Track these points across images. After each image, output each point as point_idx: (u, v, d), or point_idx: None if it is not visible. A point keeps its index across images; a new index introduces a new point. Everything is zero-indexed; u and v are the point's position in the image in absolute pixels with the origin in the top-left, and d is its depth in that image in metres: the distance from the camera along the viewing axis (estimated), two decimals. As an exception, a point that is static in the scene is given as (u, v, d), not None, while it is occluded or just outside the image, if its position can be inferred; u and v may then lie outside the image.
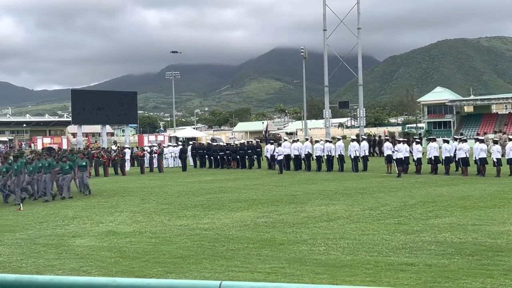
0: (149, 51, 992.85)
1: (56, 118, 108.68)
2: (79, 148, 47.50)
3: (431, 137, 33.15)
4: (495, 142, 25.29)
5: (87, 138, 79.05)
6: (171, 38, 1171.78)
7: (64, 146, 69.92)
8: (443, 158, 25.92)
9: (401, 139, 29.88)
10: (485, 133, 50.10)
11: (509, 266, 8.30)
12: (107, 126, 72.11)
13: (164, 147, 41.69)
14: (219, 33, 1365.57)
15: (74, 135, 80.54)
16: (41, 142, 76.76)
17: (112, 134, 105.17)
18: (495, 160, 23.74)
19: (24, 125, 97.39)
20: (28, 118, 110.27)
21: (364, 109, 62.59)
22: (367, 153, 30.23)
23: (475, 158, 24.31)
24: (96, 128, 79.46)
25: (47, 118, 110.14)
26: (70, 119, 70.10)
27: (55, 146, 55.17)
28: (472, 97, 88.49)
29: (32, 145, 79.07)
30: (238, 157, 35.41)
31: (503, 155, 24.95)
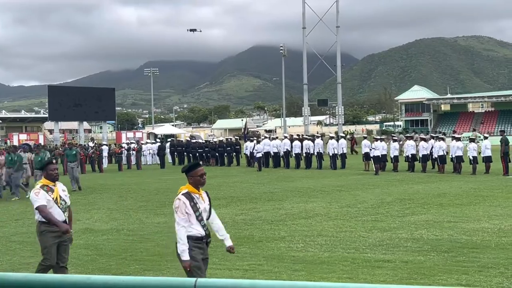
0: (127, 48, 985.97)
1: (33, 115, 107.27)
2: (56, 145, 47.00)
3: (409, 135, 33.43)
4: (472, 141, 25.61)
5: (64, 135, 78.19)
6: (149, 35, 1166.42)
7: (41, 142, 69.07)
8: (420, 156, 26.19)
9: (378, 137, 30.12)
10: (474, 130, 50.41)
11: (484, 262, 8.42)
12: (85, 123, 71.34)
13: (142, 144, 41.45)
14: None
15: (51, 131, 79.56)
16: (17, 139, 75.76)
17: (89, 131, 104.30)
18: (471, 158, 24.05)
19: (0, 121, 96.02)
20: (4, 114, 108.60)
21: (342, 107, 62.89)
22: (345, 151, 30.42)
23: (452, 156, 24.60)
24: (73, 125, 78.62)
25: (23, 114, 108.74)
26: (47, 115, 69.22)
27: (31, 143, 54.43)
28: (449, 95, 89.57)
29: (8, 141, 77.99)
30: (217, 154, 35.36)
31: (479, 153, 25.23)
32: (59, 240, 7.09)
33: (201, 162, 32.11)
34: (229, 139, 38.68)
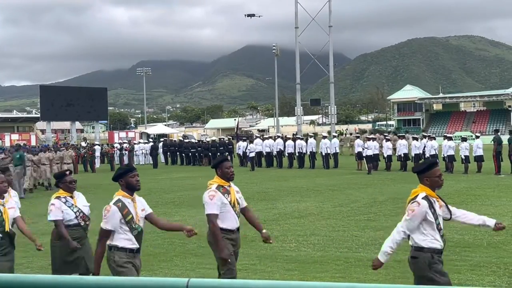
0: (119, 48, 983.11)
1: (25, 115, 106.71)
2: (48, 145, 46.77)
3: (401, 134, 33.53)
4: (463, 140, 25.70)
5: (56, 135, 77.89)
6: (141, 35, 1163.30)
7: (33, 143, 68.79)
8: (413, 155, 26.28)
9: (371, 136, 30.20)
10: (481, 132, 50.18)
11: (476, 261, 8.46)
12: (77, 123, 71.03)
13: (134, 143, 41.35)
14: (189, 30, 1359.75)
15: (43, 131, 79.22)
16: (9, 139, 75.39)
17: (81, 131, 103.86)
18: (463, 157, 24.15)
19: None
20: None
21: (335, 106, 63.03)
22: (338, 150, 30.47)
23: (444, 155, 24.68)
24: (66, 125, 78.35)
25: (15, 114, 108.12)
26: (39, 115, 68.94)
27: (22, 143, 54.19)
28: (441, 95, 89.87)
29: (0, 141, 77.56)
30: (209, 154, 35.32)
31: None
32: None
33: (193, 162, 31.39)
34: (221, 139, 38.66)
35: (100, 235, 5.72)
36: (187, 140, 43.04)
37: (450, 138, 25.57)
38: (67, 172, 7.41)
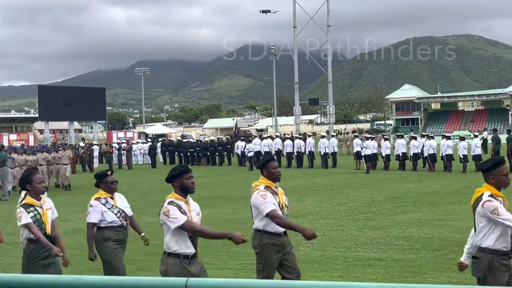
0: (117, 48, 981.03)
1: (23, 114, 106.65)
2: (46, 145, 46.72)
3: (399, 133, 33.56)
4: (462, 139, 25.73)
5: (54, 135, 77.81)
6: (139, 35, 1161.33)
7: (31, 143, 68.75)
8: (411, 154, 26.30)
9: (369, 135, 30.22)
10: (485, 129, 49.98)
11: (474, 260, 8.46)
12: (75, 123, 71.07)
13: (133, 143, 41.32)
14: (186, 30, 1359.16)
15: (41, 131, 79.11)
16: (7, 139, 75.33)
17: (80, 131, 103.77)
18: (461, 156, 24.17)
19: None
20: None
21: (333, 106, 63.04)
22: (336, 150, 30.49)
23: (442, 154, 24.70)
24: (64, 125, 78.20)
25: (13, 114, 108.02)
26: (37, 115, 68.81)
27: (20, 143, 54.15)
28: (439, 94, 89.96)
29: (-3, 142, 77.38)
30: (208, 153, 35.32)
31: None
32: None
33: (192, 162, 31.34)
34: (220, 139, 38.66)
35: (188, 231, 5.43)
36: (185, 140, 42.99)
37: (448, 138, 25.61)
38: (108, 172, 7.09)
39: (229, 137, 44.61)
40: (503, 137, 24.73)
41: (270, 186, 6.12)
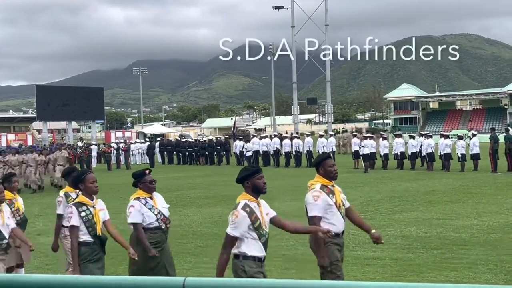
0: (115, 47, 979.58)
1: (21, 114, 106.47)
2: (44, 145, 46.72)
3: (397, 133, 33.56)
4: (460, 138, 25.74)
5: (52, 135, 77.74)
6: (137, 35, 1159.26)
7: (29, 143, 68.66)
8: (409, 153, 26.31)
9: (367, 135, 30.24)
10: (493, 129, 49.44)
11: (472, 259, 8.47)
12: (73, 123, 70.94)
13: (131, 143, 41.31)
14: (184, 30, 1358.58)
15: (39, 131, 78.96)
16: (5, 139, 75.22)
17: (78, 131, 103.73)
18: (459, 155, 24.19)
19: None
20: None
21: (332, 105, 63.02)
22: (334, 149, 30.50)
23: (440, 153, 24.72)
24: (62, 125, 78.15)
25: (11, 114, 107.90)
26: (35, 115, 68.76)
27: (18, 143, 54.05)
28: (437, 93, 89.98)
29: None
30: (206, 153, 35.31)
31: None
32: None
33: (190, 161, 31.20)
34: (218, 138, 38.65)
35: (225, 242, 5.31)
36: (183, 140, 43.00)
37: (446, 137, 25.62)
38: (147, 171, 6.86)
39: (227, 136, 44.62)
40: (501, 136, 24.72)
41: (326, 185, 5.97)
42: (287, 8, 60.68)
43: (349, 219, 6.17)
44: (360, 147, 26.73)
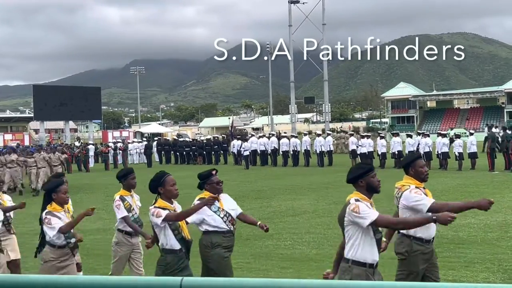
0: (112, 47, 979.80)
1: (18, 114, 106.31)
2: (41, 145, 46.65)
3: (395, 131, 33.61)
4: (457, 137, 25.78)
5: (49, 135, 77.64)
6: (134, 34, 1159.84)
7: (26, 143, 68.55)
8: (407, 152, 26.32)
9: (365, 134, 30.28)
10: (496, 127, 49.56)
11: (470, 258, 8.49)
12: (70, 122, 70.85)
13: (128, 143, 41.28)
14: (181, 29, 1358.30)
15: (36, 131, 78.89)
16: (2, 139, 75.10)
17: (75, 130, 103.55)
18: (457, 154, 24.22)
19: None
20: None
21: (329, 104, 63.09)
22: (332, 148, 30.51)
23: (438, 152, 24.75)
24: (59, 124, 78.09)
25: (8, 114, 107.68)
26: (32, 115, 68.69)
27: (16, 143, 53.97)
28: (434, 92, 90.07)
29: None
30: (204, 152, 35.30)
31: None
32: None
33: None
34: (216, 138, 38.64)
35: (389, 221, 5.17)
36: (181, 139, 42.98)
37: (444, 135, 25.66)
38: (213, 172, 6.55)
39: (225, 136, 44.60)
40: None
41: (418, 187, 5.59)
42: (303, 3, 60.14)
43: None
44: (357, 146, 26.75)
